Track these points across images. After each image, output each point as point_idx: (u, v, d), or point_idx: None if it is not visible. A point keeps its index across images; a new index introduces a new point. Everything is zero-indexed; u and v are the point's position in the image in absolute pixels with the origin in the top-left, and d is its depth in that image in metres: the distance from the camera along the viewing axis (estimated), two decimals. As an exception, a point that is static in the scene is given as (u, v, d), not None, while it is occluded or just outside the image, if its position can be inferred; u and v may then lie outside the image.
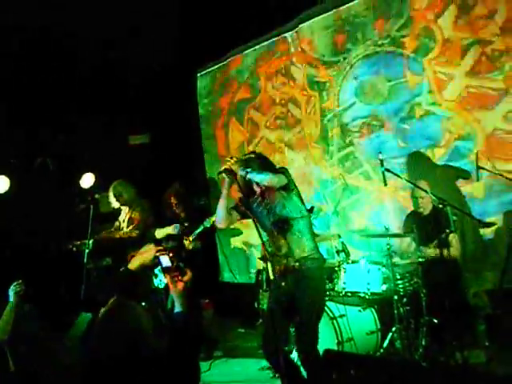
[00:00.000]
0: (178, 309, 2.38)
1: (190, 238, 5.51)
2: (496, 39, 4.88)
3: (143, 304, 2.34)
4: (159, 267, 2.54)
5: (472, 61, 5.01)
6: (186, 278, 2.44)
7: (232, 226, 7.02)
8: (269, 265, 3.85)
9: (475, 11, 5.00)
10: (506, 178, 4.59)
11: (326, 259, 3.81)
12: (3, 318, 3.77)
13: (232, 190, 3.69)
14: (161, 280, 5.25)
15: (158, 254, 2.54)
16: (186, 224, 5.67)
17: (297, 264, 3.51)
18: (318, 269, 3.59)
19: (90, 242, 5.41)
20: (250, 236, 6.74)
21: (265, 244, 3.41)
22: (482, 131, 4.98)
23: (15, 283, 3.86)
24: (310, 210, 3.84)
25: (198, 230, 5.50)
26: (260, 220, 3.65)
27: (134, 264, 2.60)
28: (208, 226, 5.47)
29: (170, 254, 2.53)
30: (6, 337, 3.68)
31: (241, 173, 3.49)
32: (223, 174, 3.54)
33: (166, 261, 2.52)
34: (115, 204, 5.75)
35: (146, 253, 2.62)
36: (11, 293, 3.83)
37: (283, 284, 3.58)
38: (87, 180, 6.11)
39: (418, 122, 5.36)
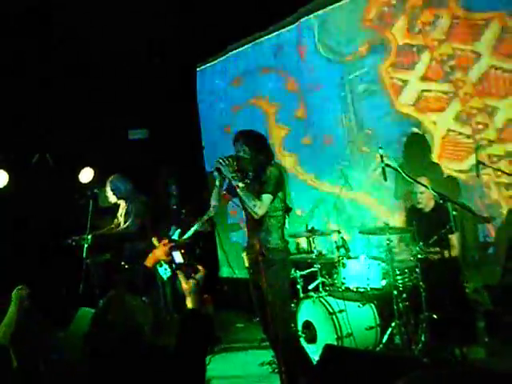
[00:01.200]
0: (189, 305, 2.36)
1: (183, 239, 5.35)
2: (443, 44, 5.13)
3: (143, 299, 2.32)
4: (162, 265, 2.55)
5: (424, 66, 5.26)
6: (198, 275, 2.42)
7: (231, 222, 7.06)
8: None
9: (422, 18, 5.26)
10: (505, 173, 4.59)
11: (289, 251, 3.97)
12: (5, 321, 3.70)
13: None
14: (166, 269, 5.18)
15: (170, 251, 2.55)
16: (183, 211, 5.59)
17: (261, 255, 3.66)
18: (279, 260, 3.73)
19: (89, 236, 5.39)
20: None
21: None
22: (437, 133, 5.22)
23: (19, 287, 3.80)
24: (288, 210, 3.95)
25: (190, 233, 5.35)
26: (245, 211, 3.84)
27: (149, 261, 2.61)
28: (199, 229, 5.33)
29: (182, 251, 2.52)
30: (7, 341, 3.63)
31: (233, 183, 3.61)
32: (215, 173, 3.65)
33: (178, 257, 2.50)
34: (112, 198, 5.73)
35: (161, 249, 2.63)
36: (14, 297, 3.76)
37: (251, 273, 3.88)
38: (86, 175, 6.10)
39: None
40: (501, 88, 4.81)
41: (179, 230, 5.35)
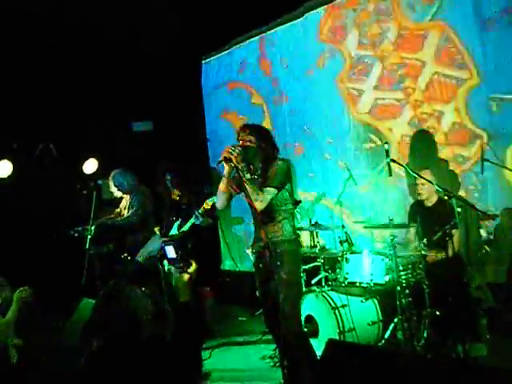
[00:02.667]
0: (182, 299, 2.37)
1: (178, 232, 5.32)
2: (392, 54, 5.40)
3: (143, 289, 2.32)
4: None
5: (376, 76, 5.55)
6: (191, 269, 2.42)
7: (234, 215, 7.04)
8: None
9: (372, 30, 5.55)
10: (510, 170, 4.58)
11: (300, 244, 4.01)
12: (6, 318, 3.70)
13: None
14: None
15: (163, 245, 2.54)
16: (183, 206, 5.56)
17: (272, 247, 3.61)
18: (292, 251, 3.72)
19: (92, 227, 5.39)
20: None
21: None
22: (393, 138, 5.48)
23: (21, 288, 3.79)
24: (297, 203, 3.93)
25: (187, 226, 5.24)
26: (251, 205, 3.72)
27: (142, 255, 2.62)
28: (197, 222, 5.20)
29: (174, 245, 2.51)
30: (5, 339, 3.62)
31: (242, 174, 3.49)
32: (223, 163, 3.52)
33: (171, 251, 2.50)
34: (117, 193, 5.73)
35: (153, 243, 2.64)
36: (16, 297, 3.75)
37: (261, 266, 3.81)
38: (90, 166, 6.10)
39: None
40: (444, 93, 5.05)
41: (178, 223, 5.35)
